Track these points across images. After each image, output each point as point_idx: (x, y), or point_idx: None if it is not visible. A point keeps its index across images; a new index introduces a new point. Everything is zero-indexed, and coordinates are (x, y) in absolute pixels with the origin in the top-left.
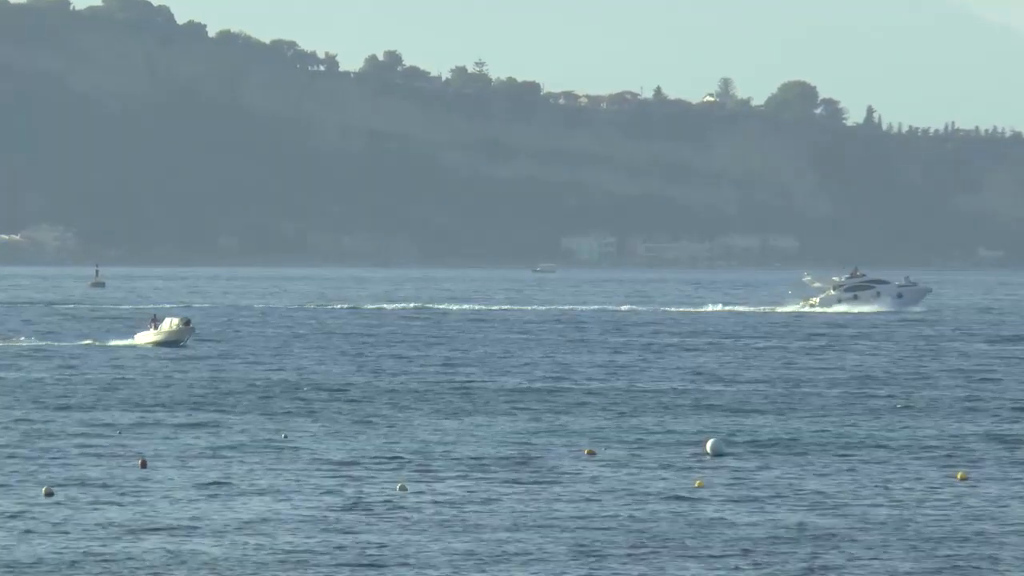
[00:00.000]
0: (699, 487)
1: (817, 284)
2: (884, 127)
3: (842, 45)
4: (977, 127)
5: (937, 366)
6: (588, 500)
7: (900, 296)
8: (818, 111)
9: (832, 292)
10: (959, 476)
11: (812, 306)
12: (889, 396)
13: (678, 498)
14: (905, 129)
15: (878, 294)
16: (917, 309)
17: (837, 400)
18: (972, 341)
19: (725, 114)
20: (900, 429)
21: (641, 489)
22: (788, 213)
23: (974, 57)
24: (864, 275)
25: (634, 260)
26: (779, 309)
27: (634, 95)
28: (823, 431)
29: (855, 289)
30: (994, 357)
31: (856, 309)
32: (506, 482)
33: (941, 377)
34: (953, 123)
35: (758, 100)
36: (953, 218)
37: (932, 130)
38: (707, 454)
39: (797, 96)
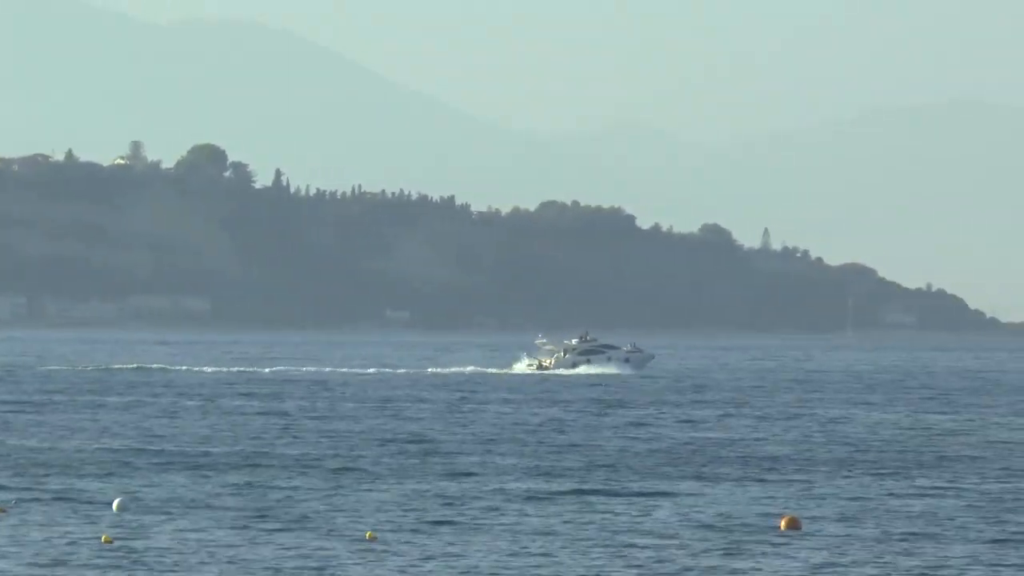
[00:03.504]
0: (106, 542)
1: (550, 347)
2: (292, 190)
3: (251, 109)
4: (384, 190)
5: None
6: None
7: (628, 360)
8: (227, 174)
9: (565, 355)
10: (368, 535)
11: (546, 368)
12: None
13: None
14: (313, 192)
15: (609, 359)
16: (643, 373)
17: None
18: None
19: (136, 176)
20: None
21: (48, 545)
22: (199, 275)
23: (379, 121)
24: (595, 339)
25: (46, 321)
26: (514, 370)
27: (46, 157)
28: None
29: (588, 353)
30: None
31: (589, 371)
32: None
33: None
34: (360, 186)
35: (168, 163)
36: (362, 280)
37: (340, 193)
38: (114, 511)
39: (206, 159)
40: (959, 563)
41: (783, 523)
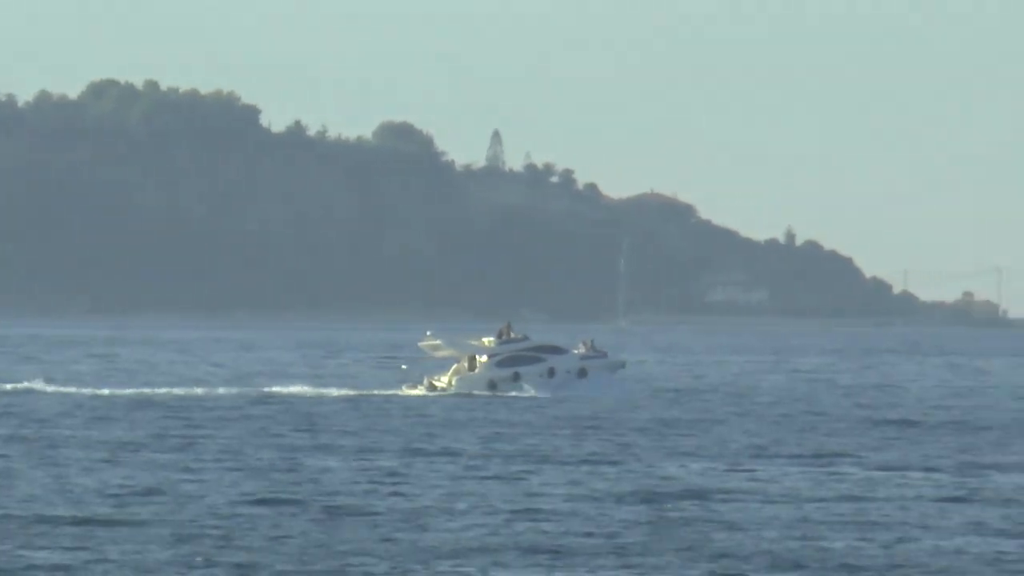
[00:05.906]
0: None
1: (445, 352)
2: None
3: None
4: None
5: None
6: None
7: (583, 372)
8: None
9: (469, 367)
10: None
11: (441, 390)
12: None
13: None
14: None
15: (551, 371)
16: (611, 393)
17: None
18: None
19: None
20: None
21: None
22: None
23: None
24: (525, 337)
25: None
26: (382, 392)
27: None
28: None
29: (514, 362)
30: None
31: (515, 394)
32: None
33: None
34: None
35: None
36: None
37: None
38: None
39: None
40: None
41: None
